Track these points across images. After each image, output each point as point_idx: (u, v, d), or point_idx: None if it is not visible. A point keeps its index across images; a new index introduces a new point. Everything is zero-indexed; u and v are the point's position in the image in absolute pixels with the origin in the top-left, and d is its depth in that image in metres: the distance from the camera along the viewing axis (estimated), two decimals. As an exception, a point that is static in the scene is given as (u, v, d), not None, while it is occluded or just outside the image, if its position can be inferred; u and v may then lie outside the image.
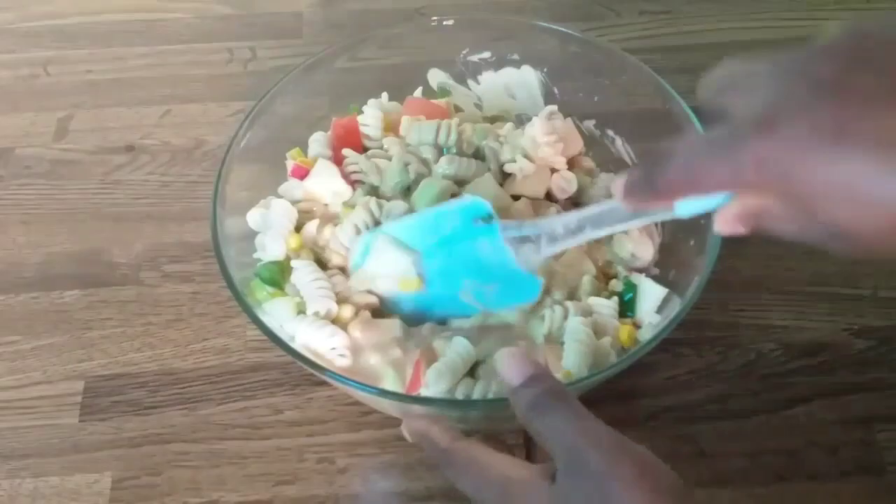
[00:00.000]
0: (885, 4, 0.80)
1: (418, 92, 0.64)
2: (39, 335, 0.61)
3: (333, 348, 0.49)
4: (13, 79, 0.78)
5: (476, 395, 0.47)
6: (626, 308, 0.53)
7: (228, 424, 0.57)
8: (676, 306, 0.50)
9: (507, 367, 0.40)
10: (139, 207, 0.68)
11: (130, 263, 0.64)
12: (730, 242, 0.52)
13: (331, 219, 0.56)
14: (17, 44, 0.80)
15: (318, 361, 0.48)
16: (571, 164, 0.60)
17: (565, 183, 0.58)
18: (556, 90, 0.63)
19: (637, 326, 0.53)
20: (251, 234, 0.56)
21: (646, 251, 0.56)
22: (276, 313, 0.51)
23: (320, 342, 0.49)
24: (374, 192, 0.57)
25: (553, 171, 0.58)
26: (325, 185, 0.56)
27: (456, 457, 0.41)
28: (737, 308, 0.61)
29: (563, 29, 0.61)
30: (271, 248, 0.54)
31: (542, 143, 0.56)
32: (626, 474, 0.35)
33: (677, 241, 0.55)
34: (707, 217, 0.50)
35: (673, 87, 0.56)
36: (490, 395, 0.47)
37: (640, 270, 0.55)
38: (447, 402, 0.47)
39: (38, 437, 0.56)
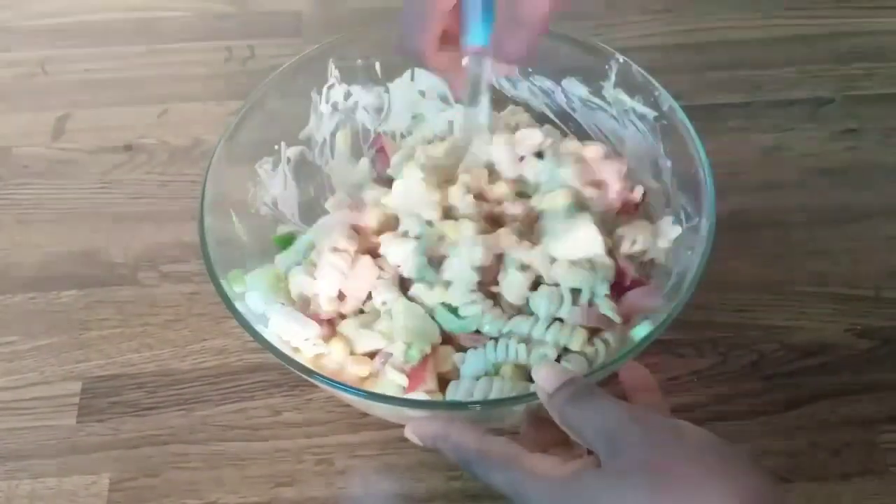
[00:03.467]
0: (888, 2, 0.79)
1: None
2: (37, 336, 0.61)
3: (307, 339, 0.48)
4: (11, 77, 0.77)
5: (494, 393, 0.46)
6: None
7: (227, 425, 0.56)
8: (671, 306, 0.49)
9: (541, 376, 0.41)
10: (137, 207, 0.68)
11: (128, 263, 0.64)
12: (732, 242, 0.53)
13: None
14: (14, 42, 0.80)
15: (307, 365, 0.47)
16: None
17: None
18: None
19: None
20: (236, 238, 0.55)
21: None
22: (257, 285, 0.50)
23: (294, 334, 0.48)
24: None
25: None
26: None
27: (490, 453, 0.41)
28: (738, 309, 0.61)
29: None
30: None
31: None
32: (670, 442, 0.37)
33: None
34: (701, 213, 0.50)
35: (673, 85, 0.55)
36: (509, 393, 0.46)
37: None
38: (438, 404, 0.47)
39: (36, 439, 0.56)
